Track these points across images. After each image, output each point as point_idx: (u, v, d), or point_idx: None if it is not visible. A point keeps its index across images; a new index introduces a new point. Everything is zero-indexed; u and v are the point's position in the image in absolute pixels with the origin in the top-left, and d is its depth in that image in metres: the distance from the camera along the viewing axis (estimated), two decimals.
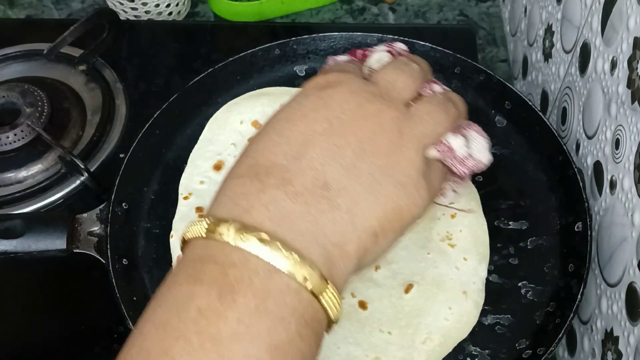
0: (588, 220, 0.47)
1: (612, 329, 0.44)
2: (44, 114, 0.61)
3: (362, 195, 0.33)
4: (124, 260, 0.48)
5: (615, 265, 0.44)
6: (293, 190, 0.32)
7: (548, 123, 0.52)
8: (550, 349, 0.43)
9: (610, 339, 0.44)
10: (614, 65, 0.45)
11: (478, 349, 0.45)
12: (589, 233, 0.46)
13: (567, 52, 0.54)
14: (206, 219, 0.32)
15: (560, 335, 0.43)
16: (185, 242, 0.33)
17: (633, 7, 0.42)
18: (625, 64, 0.43)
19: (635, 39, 0.41)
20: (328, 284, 0.31)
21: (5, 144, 0.59)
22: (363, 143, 0.35)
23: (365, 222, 0.33)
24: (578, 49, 0.52)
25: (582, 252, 0.46)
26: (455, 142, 0.39)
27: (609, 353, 0.44)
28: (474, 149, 0.40)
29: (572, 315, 0.43)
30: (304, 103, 0.37)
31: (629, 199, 0.42)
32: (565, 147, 0.50)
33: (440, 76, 0.58)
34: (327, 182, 0.33)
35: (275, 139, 0.35)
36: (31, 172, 0.60)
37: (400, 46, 0.44)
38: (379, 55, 0.42)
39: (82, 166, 0.57)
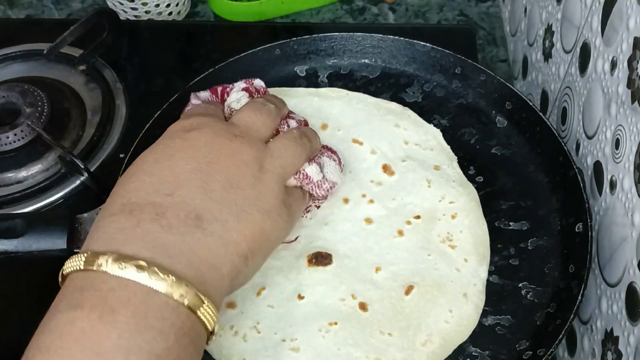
0: (589, 221, 0.47)
1: (612, 329, 0.44)
2: (44, 114, 0.61)
3: (231, 223, 0.37)
4: None
5: (615, 265, 0.44)
6: (167, 223, 0.35)
7: (549, 123, 0.52)
8: (551, 350, 0.42)
9: (610, 339, 0.44)
10: (614, 65, 0.45)
11: (478, 350, 0.44)
12: (590, 234, 0.46)
13: (567, 52, 0.54)
14: (84, 253, 0.34)
15: (560, 336, 0.43)
16: (63, 277, 0.35)
17: (633, 7, 0.42)
18: (625, 64, 0.43)
19: (635, 39, 0.41)
20: (204, 300, 0.34)
21: (5, 144, 0.59)
22: (229, 178, 0.39)
23: (235, 246, 0.37)
24: (578, 49, 0.52)
25: (582, 253, 0.46)
26: (311, 170, 0.45)
27: (609, 353, 0.44)
28: (327, 172, 0.47)
29: (572, 316, 0.43)
30: (171, 145, 0.40)
31: (629, 199, 0.42)
32: (566, 148, 0.50)
33: (441, 76, 0.58)
34: (198, 214, 0.36)
35: (146, 179, 0.38)
36: (31, 172, 0.60)
37: (258, 83, 0.49)
38: (237, 95, 0.47)
39: (82, 166, 0.57)
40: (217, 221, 0.37)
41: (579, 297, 0.44)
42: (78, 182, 0.59)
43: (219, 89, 0.49)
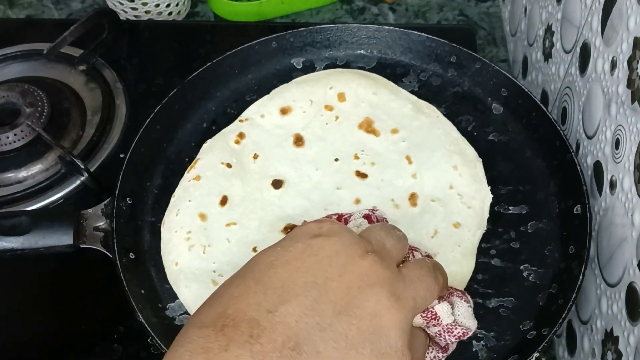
0: (587, 203, 0.47)
1: (612, 329, 0.44)
2: (44, 114, 0.61)
3: None
4: (131, 254, 0.48)
5: (615, 265, 0.44)
6: (260, 350, 0.30)
7: (544, 109, 0.53)
8: (555, 329, 0.43)
9: (610, 339, 0.44)
10: (614, 65, 0.45)
11: (483, 332, 0.45)
12: (588, 215, 0.47)
13: (567, 52, 0.54)
14: None
15: (564, 315, 0.43)
16: None
17: (633, 7, 0.42)
18: (625, 64, 0.43)
19: (635, 39, 0.41)
20: None
21: (5, 144, 0.59)
22: (347, 301, 0.32)
23: None
24: (578, 49, 0.52)
25: (582, 235, 0.46)
26: (441, 308, 0.36)
27: (609, 353, 0.44)
28: (459, 315, 0.38)
29: (574, 295, 0.44)
30: (291, 249, 0.34)
31: (629, 199, 0.42)
32: (562, 132, 0.51)
33: (437, 65, 0.59)
34: (298, 343, 0.30)
35: (252, 285, 0.33)
36: (31, 172, 0.60)
37: (379, 214, 0.43)
38: (358, 221, 0.41)
39: (82, 166, 0.57)
40: (319, 356, 0.30)
41: (580, 277, 0.44)
42: (78, 182, 0.59)
43: (334, 216, 0.43)
